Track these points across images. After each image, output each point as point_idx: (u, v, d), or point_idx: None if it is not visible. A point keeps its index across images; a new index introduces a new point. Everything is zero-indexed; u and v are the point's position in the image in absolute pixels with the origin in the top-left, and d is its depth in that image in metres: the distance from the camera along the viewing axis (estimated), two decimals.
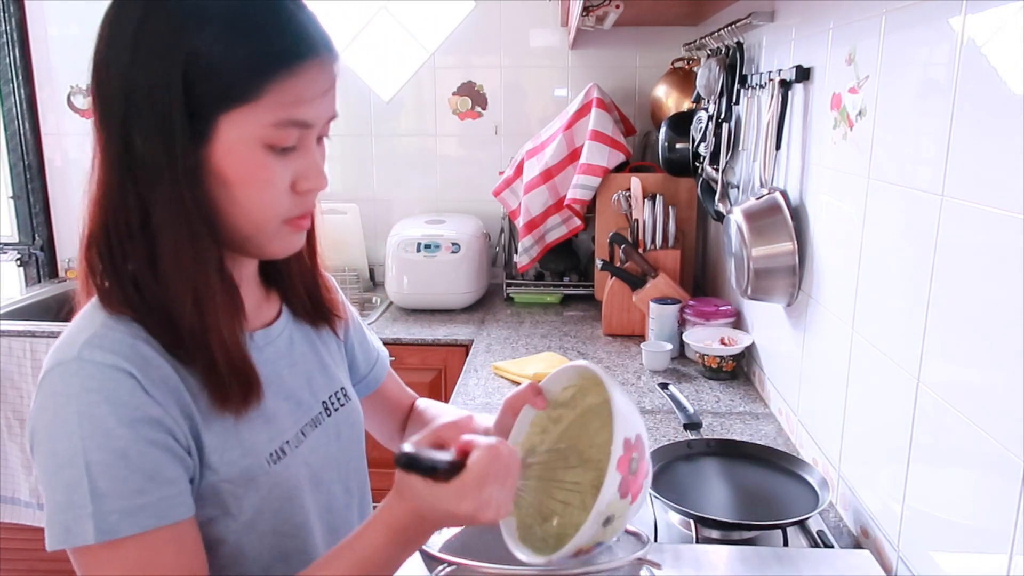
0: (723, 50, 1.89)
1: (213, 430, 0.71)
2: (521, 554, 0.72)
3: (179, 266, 0.68)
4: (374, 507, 0.93)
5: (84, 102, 2.85)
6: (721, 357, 1.84)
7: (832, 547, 1.12)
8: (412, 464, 0.66)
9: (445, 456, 0.66)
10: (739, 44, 1.80)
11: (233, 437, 0.73)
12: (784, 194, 1.51)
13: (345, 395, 0.91)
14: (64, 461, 0.64)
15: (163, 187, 0.67)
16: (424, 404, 1.09)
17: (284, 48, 0.67)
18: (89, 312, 0.71)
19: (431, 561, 0.79)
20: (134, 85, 0.65)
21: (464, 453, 0.67)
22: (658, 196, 2.20)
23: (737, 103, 1.85)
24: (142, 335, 0.68)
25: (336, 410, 0.88)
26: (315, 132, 0.72)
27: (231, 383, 0.71)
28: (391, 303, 2.56)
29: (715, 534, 1.15)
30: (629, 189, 2.26)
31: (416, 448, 0.67)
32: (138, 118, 0.66)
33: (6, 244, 2.93)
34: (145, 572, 0.65)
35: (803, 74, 1.43)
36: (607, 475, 0.68)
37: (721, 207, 1.90)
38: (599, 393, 0.79)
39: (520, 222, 2.45)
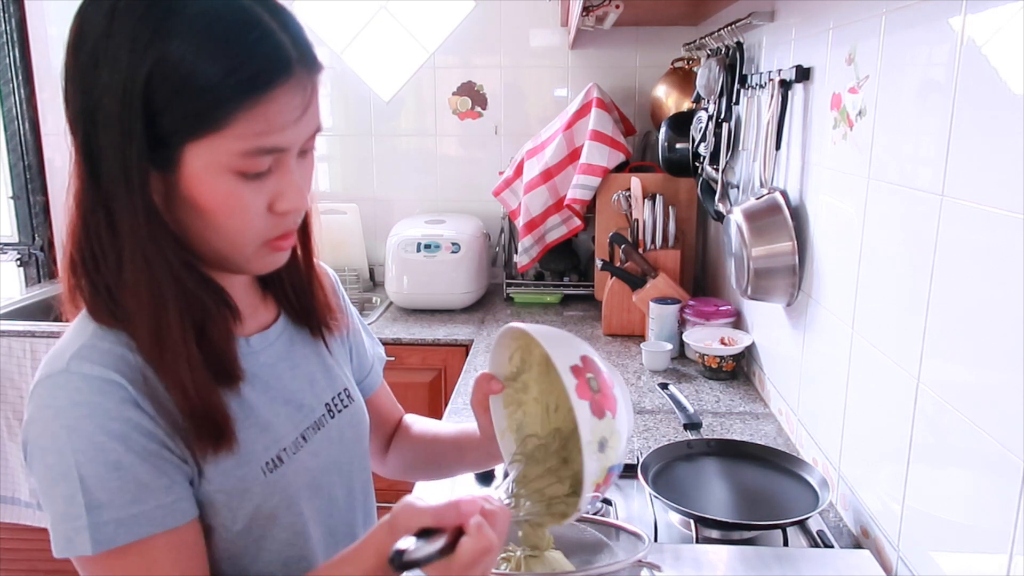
0: (723, 50, 1.89)
1: None
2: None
3: (138, 300, 0.66)
4: (378, 508, 0.92)
5: None
6: (721, 357, 1.84)
7: (832, 547, 1.12)
8: (406, 564, 0.65)
9: (436, 546, 0.65)
10: (739, 44, 1.80)
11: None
12: (784, 194, 1.51)
13: (348, 396, 0.89)
14: (58, 475, 0.64)
15: (123, 215, 0.64)
16: (410, 419, 1.06)
17: (252, 74, 0.62)
18: (80, 323, 0.70)
19: None
20: (96, 104, 0.62)
21: (459, 528, 0.66)
22: (658, 196, 2.20)
23: (737, 103, 1.85)
24: (133, 345, 0.67)
25: (339, 412, 0.86)
26: (293, 152, 0.68)
27: (195, 428, 0.68)
28: (391, 303, 2.56)
29: (715, 534, 1.15)
30: (629, 189, 2.26)
31: (409, 547, 0.65)
32: (99, 139, 0.63)
33: (6, 244, 2.93)
34: None
35: (803, 74, 1.43)
36: (574, 409, 0.68)
37: (721, 207, 1.90)
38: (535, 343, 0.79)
39: (520, 222, 2.45)
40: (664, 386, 1.68)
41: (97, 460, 0.63)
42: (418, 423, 1.06)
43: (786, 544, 1.11)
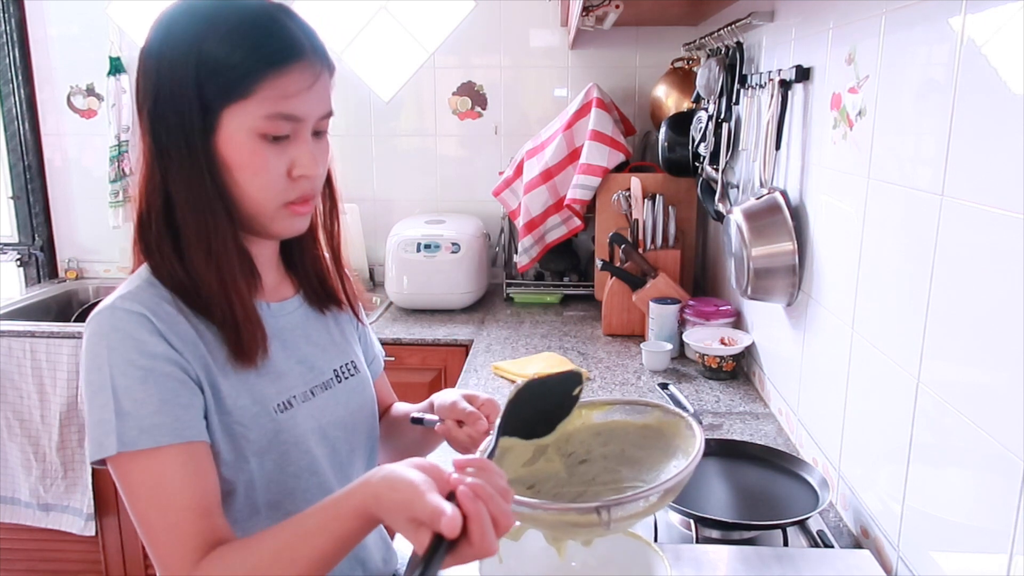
0: (723, 50, 1.89)
1: (229, 380, 0.84)
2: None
3: (198, 237, 0.81)
4: None
5: (84, 102, 2.85)
6: (721, 357, 1.84)
7: (832, 547, 1.12)
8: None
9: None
10: (739, 44, 1.80)
11: (245, 387, 0.85)
12: (784, 194, 1.51)
13: (355, 367, 1.00)
14: (98, 387, 0.77)
15: (183, 171, 0.80)
16: (397, 407, 1.16)
17: (271, 52, 0.79)
18: (136, 275, 0.85)
19: None
20: (160, 86, 0.79)
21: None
22: (658, 196, 2.20)
23: (737, 103, 1.85)
24: (170, 299, 0.82)
25: (346, 378, 0.98)
26: (307, 125, 0.83)
27: (244, 335, 0.83)
28: (391, 303, 2.56)
29: (715, 534, 1.15)
30: (629, 189, 2.26)
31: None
32: (163, 115, 0.80)
33: (6, 244, 2.93)
34: (158, 481, 0.76)
35: (803, 74, 1.43)
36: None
37: (721, 207, 1.90)
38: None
39: (520, 222, 2.45)
40: (664, 386, 1.68)
41: (128, 375, 0.77)
42: (397, 406, 1.15)
43: (786, 544, 1.11)
